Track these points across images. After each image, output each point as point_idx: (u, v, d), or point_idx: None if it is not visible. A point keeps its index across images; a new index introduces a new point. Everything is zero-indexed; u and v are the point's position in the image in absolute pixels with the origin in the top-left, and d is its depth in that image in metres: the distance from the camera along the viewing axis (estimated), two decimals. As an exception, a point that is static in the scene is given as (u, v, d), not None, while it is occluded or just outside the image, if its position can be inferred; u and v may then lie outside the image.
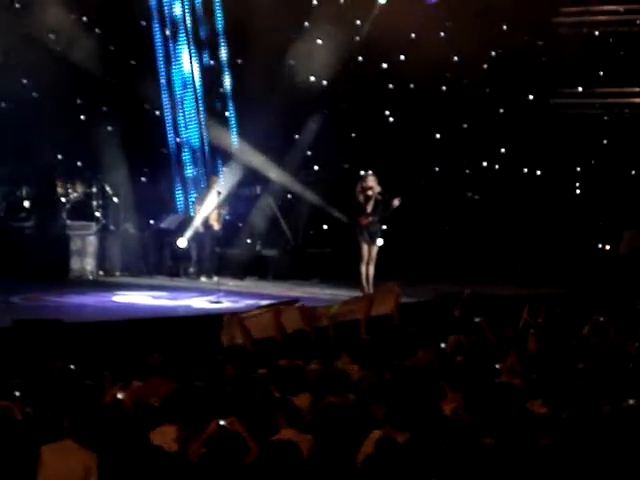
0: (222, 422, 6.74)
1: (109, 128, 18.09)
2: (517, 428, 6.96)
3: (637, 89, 17.21)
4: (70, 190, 16.96)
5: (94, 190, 17.18)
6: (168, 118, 18.86)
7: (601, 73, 17.39)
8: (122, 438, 6.61)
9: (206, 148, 19.16)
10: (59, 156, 17.63)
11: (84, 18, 17.83)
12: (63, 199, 16.77)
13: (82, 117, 18.19)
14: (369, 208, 15.10)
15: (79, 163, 17.79)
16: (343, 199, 16.90)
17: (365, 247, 15.15)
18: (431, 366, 8.88)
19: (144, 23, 18.63)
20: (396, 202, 15.10)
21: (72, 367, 8.50)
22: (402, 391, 7.76)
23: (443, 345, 10.21)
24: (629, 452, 6.42)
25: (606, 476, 6.24)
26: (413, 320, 12.86)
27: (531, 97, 17.83)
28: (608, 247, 17.37)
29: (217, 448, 6.35)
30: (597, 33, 17.41)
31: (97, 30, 17.81)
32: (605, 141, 17.54)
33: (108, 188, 17.25)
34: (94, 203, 17.15)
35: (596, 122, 17.52)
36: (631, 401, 7.51)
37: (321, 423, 7.07)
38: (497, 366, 9.12)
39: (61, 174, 17.02)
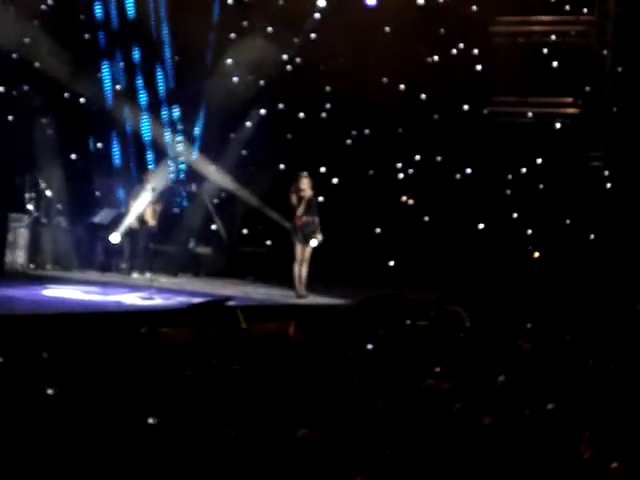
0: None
1: (44, 120, 17.94)
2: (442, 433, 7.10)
3: (569, 99, 17.50)
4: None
5: (26, 182, 17.01)
6: (104, 112, 18.73)
7: (534, 83, 17.64)
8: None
9: (142, 143, 19.07)
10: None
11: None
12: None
13: (15, 108, 17.99)
14: (301, 209, 15.19)
15: (12, 155, 17.59)
16: (278, 199, 16.97)
17: (299, 247, 15.23)
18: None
19: (83, 17, 18.52)
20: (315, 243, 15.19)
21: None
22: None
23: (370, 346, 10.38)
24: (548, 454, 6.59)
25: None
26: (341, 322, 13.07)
27: (466, 106, 18.01)
28: (537, 254, 17.63)
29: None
30: (531, 42, 17.66)
31: (35, 21, 17.63)
32: (536, 150, 17.80)
33: (41, 181, 17.10)
34: (26, 195, 16.98)
35: (528, 131, 17.77)
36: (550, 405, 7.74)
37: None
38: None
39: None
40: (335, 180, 18.39)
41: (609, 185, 17.23)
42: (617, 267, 16.49)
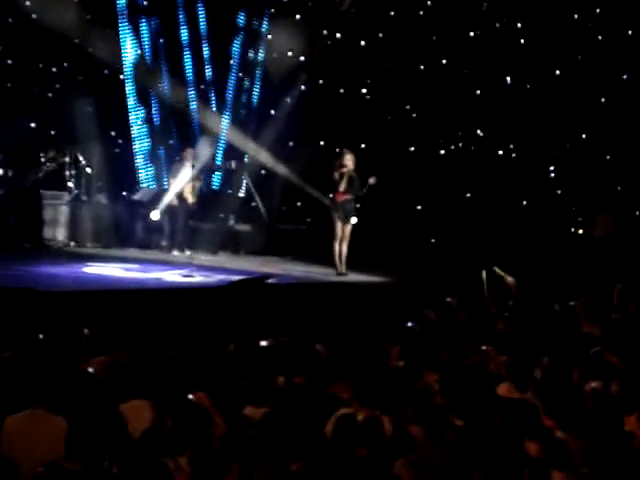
0: (190, 396, 6.75)
1: (83, 97, 17.91)
2: (486, 411, 7.00)
3: (614, 74, 17.19)
4: (43, 159, 16.78)
5: (67, 160, 16.99)
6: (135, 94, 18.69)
7: (579, 57, 17.36)
8: (93, 408, 6.58)
9: (183, 120, 19.01)
10: (32, 124, 17.43)
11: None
12: (36, 168, 16.58)
13: (57, 85, 17.99)
14: (343, 186, 15.03)
15: (53, 132, 17.58)
16: (318, 176, 16.83)
17: (339, 225, 15.08)
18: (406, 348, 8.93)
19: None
20: (372, 180, 15.03)
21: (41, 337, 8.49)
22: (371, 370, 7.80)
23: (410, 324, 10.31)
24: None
25: None
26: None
27: (508, 79, 17.76)
28: (581, 231, 17.39)
29: (184, 422, 6.34)
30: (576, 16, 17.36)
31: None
32: (581, 125, 17.52)
33: (81, 158, 17.09)
34: (67, 173, 16.98)
35: (573, 106, 17.49)
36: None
37: (288, 401, 7.08)
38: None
39: (34, 142, 16.81)
40: (376, 157, 18.20)
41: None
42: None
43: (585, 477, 6.04)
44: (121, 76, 18.38)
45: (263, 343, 8.87)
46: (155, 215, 16.96)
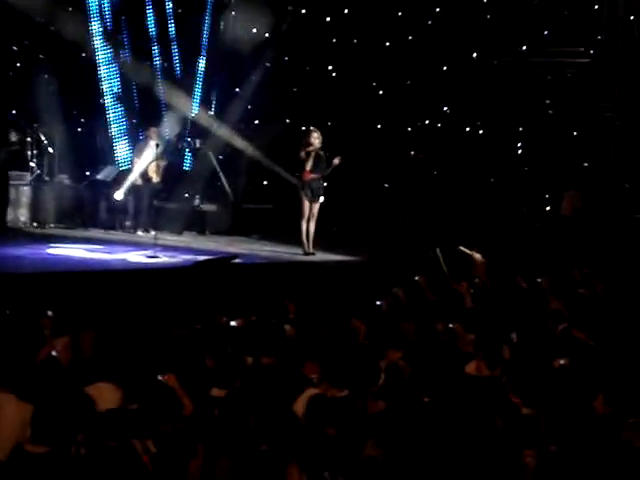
0: (159, 377, 6.66)
1: (45, 76, 17.66)
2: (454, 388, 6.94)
3: (581, 49, 17.13)
4: (13, 139, 16.51)
5: (28, 139, 16.73)
6: (105, 68, 18.42)
7: (545, 32, 17.27)
8: (58, 391, 6.45)
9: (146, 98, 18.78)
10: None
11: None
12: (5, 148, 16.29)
13: (17, 64, 17.71)
14: (309, 164, 14.92)
15: (14, 111, 17.31)
16: (284, 155, 16.68)
17: (306, 204, 14.98)
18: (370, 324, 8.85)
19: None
20: (336, 161, 14.93)
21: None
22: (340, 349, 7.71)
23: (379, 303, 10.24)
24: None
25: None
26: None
27: (475, 55, 17.66)
28: (548, 208, 17.35)
29: (152, 404, 6.24)
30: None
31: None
32: (548, 101, 17.45)
33: (43, 137, 16.83)
34: (28, 153, 16.73)
35: (539, 82, 17.42)
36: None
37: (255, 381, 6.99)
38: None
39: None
40: (343, 135, 18.06)
41: (621, 136, 16.90)
42: (632, 221, 16.21)
43: (553, 454, 5.98)
44: (83, 54, 18.10)
45: (232, 323, 8.78)
46: (119, 195, 16.80)
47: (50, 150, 16.94)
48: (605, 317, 9.47)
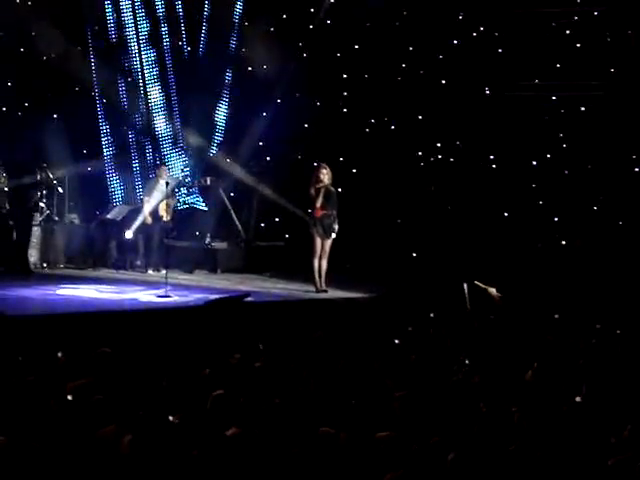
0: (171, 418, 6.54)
1: (54, 116, 17.63)
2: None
3: (594, 82, 16.98)
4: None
5: (38, 179, 16.64)
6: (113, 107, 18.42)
7: (558, 65, 17.14)
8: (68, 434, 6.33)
9: (155, 138, 18.75)
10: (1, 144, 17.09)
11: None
12: (5, 188, 16.18)
13: (26, 104, 17.68)
14: (319, 201, 14.81)
15: (22, 152, 17.24)
16: (296, 191, 16.55)
17: (318, 241, 14.86)
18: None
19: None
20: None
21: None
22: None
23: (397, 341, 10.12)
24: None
25: None
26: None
27: (487, 89, 17.54)
28: (563, 242, 17.17)
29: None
30: (554, 24, 17.13)
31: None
32: (561, 135, 17.30)
33: (52, 177, 16.73)
34: (38, 193, 16.62)
35: (552, 116, 17.27)
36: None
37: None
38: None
39: (3, 162, 16.43)
40: (354, 170, 17.95)
41: (637, 169, 16.73)
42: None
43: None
44: (93, 93, 18.12)
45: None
46: (129, 234, 16.69)
47: (59, 190, 16.84)
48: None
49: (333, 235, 14.93)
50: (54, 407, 7.05)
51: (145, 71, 18.62)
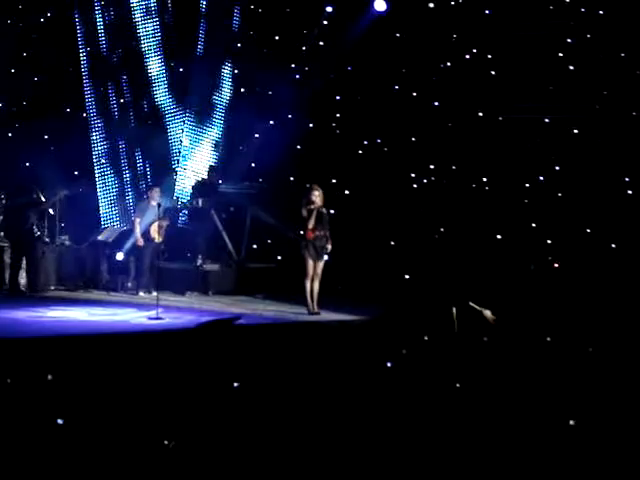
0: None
1: (45, 137, 17.59)
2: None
3: (587, 105, 17.00)
4: (4, 201, 16.39)
5: (34, 200, 16.56)
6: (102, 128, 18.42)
7: (551, 88, 17.16)
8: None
9: (147, 160, 18.74)
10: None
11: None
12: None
13: (16, 125, 17.64)
14: (311, 223, 14.76)
15: (13, 174, 17.21)
16: (288, 213, 16.51)
17: (310, 263, 14.81)
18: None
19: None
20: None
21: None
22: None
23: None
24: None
25: None
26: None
27: (480, 112, 17.55)
28: (556, 265, 17.13)
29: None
30: (547, 46, 17.16)
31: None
32: (553, 157, 17.31)
33: (43, 199, 16.66)
34: (35, 214, 16.53)
35: (545, 138, 17.28)
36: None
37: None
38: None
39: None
40: (347, 192, 17.91)
41: (630, 192, 16.73)
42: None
43: None
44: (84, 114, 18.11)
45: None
46: (120, 256, 16.64)
47: (51, 212, 16.77)
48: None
49: (325, 257, 14.87)
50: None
51: (138, 89, 18.62)
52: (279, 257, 18.08)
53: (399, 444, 6.93)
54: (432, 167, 17.93)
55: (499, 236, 17.44)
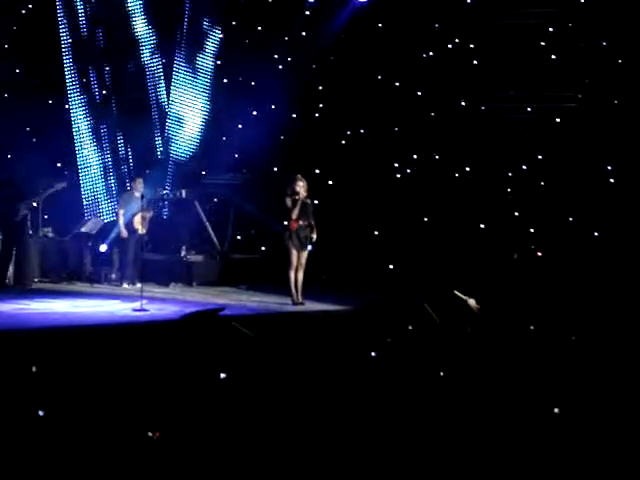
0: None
1: (27, 129, 17.52)
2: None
3: (569, 93, 17.06)
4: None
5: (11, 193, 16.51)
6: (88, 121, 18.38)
7: (533, 77, 17.19)
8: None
9: (129, 151, 18.70)
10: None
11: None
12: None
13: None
14: (295, 213, 14.76)
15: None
16: (272, 203, 16.51)
17: (294, 253, 14.81)
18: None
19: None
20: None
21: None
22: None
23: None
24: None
25: None
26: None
27: (462, 101, 17.57)
28: (539, 254, 17.19)
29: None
30: (529, 36, 17.18)
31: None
32: (536, 146, 17.35)
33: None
34: (26, 207, 16.48)
35: (528, 127, 17.32)
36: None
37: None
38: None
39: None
40: (330, 182, 17.92)
41: (612, 180, 16.79)
42: (621, 265, 16.07)
43: None
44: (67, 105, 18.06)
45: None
46: (103, 247, 16.61)
47: (33, 204, 16.71)
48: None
49: (309, 247, 14.88)
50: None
51: (121, 82, 18.58)
52: (263, 248, 18.08)
53: (385, 433, 6.95)
54: (415, 157, 17.96)
55: (482, 225, 17.49)
